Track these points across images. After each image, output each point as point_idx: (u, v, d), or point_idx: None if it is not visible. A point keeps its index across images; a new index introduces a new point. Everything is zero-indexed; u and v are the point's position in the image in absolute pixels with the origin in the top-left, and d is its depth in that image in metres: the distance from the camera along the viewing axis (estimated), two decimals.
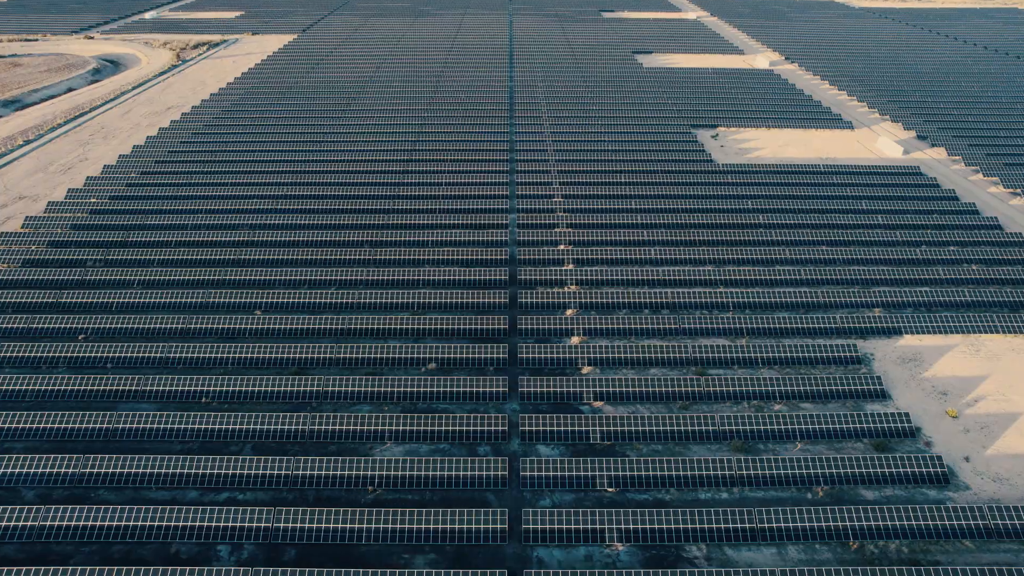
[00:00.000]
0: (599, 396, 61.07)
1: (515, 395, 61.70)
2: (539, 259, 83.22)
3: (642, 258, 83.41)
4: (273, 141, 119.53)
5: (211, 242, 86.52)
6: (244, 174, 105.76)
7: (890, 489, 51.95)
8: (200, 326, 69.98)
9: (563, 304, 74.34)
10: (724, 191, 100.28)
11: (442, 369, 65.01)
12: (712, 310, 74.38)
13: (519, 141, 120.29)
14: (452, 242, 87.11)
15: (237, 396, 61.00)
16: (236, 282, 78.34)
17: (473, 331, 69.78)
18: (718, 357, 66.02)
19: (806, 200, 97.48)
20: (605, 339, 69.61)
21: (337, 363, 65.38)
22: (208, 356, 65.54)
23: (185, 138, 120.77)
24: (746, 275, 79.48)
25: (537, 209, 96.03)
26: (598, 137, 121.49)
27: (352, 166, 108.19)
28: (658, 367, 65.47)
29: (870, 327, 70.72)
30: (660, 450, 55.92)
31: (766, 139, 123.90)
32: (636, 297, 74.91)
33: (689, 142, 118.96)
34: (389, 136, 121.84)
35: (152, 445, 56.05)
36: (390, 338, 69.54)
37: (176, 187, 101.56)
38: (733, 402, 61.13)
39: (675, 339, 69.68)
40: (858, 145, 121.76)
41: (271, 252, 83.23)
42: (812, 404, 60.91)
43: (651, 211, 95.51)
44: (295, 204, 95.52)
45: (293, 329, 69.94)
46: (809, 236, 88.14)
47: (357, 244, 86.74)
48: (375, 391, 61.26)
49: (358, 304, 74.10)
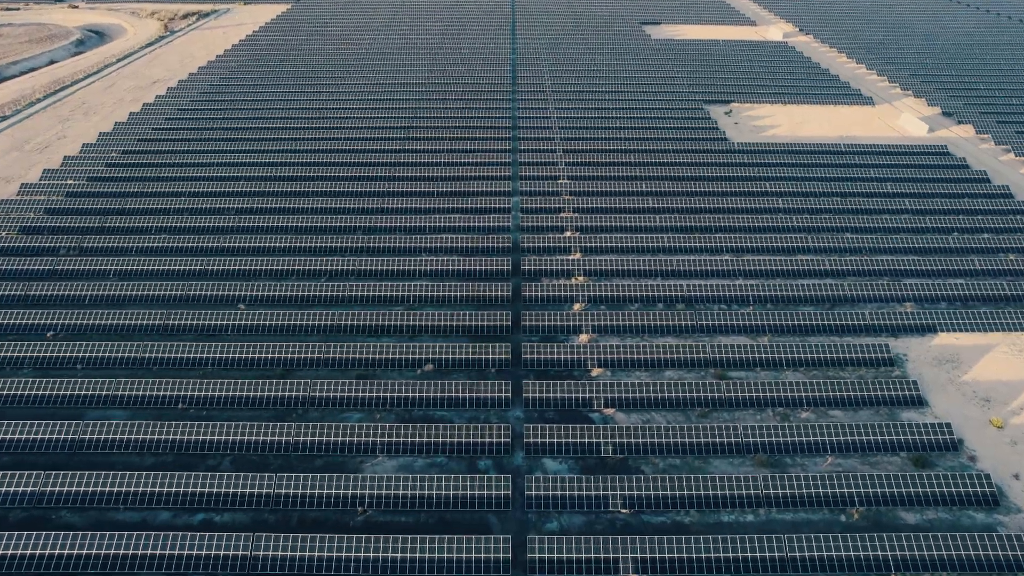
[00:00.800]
0: (610, 402, 56.11)
1: (519, 401, 56.75)
2: (544, 247, 77.77)
3: (654, 246, 77.94)
4: (262, 118, 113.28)
5: (194, 227, 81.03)
6: (231, 153, 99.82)
7: (932, 511, 47.15)
8: (179, 322, 64.84)
9: (570, 297, 69.07)
10: (740, 172, 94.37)
11: (440, 371, 59.98)
12: (731, 304, 69.13)
13: (522, 118, 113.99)
14: (451, 227, 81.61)
15: (217, 402, 56.08)
16: (219, 273, 73.04)
17: (473, 328, 64.63)
18: (739, 358, 60.93)
19: (827, 183, 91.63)
20: (616, 337, 64.46)
21: (326, 364, 60.35)
22: (187, 356, 60.52)
23: (170, 115, 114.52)
24: (766, 265, 74.08)
25: (541, 192, 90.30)
26: (605, 113, 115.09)
27: (345, 144, 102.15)
28: (674, 369, 60.42)
29: (902, 324, 65.47)
30: (678, 465, 51.09)
31: (782, 116, 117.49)
32: (649, 290, 69.61)
33: (701, 119, 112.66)
34: (384, 114, 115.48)
35: (122, 458, 51.22)
36: (383, 335, 64.42)
37: (158, 168, 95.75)
38: (756, 409, 56.18)
39: (692, 337, 64.55)
40: (879, 122, 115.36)
41: (258, 239, 77.79)
42: (842, 412, 55.94)
43: (663, 194, 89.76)
44: (284, 187, 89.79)
45: (279, 326, 64.81)
46: (832, 222, 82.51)
47: (349, 230, 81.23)
48: (366, 396, 56.31)
49: (349, 297, 68.86)
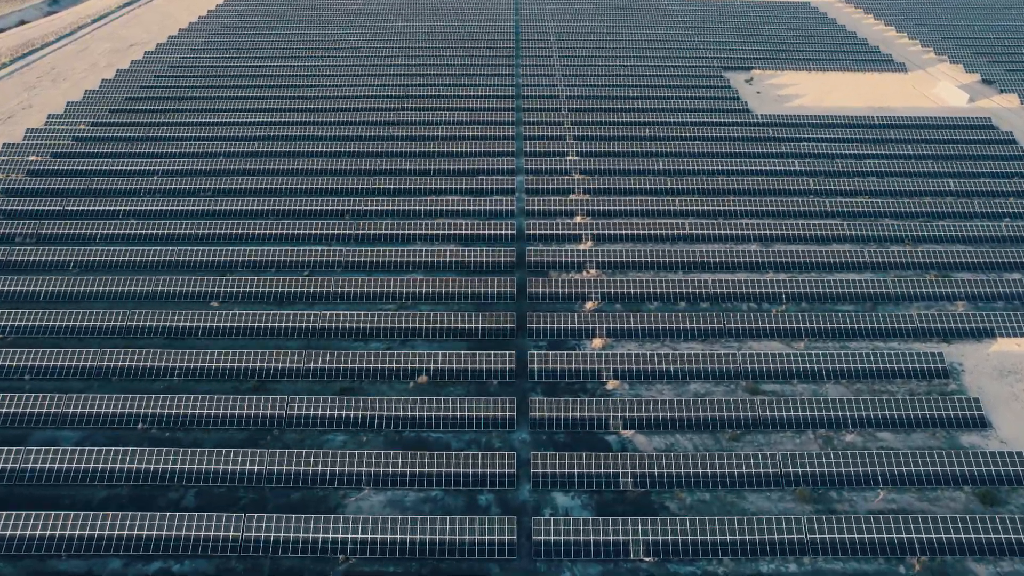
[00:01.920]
0: (629, 423, 49.32)
1: (524, 421, 49.97)
2: (552, 234, 70.28)
3: (673, 234, 70.42)
4: (246, 86, 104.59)
5: (165, 211, 73.49)
6: (210, 127, 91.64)
7: (1008, 562, 40.63)
8: (143, 323, 57.81)
9: (581, 295, 61.86)
10: (765, 148, 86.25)
11: (435, 383, 53.12)
12: (760, 303, 61.92)
13: (526, 85, 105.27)
14: (448, 211, 74.00)
15: (182, 420, 49.34)
16: (191, 265, 65.76)
17: (473, 331, 57.59)
18: (772, 368, 53.96)
19: (861, 160, 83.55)
20: (634, 342, 57.43)
21: (306, 374, 53.48)
22: (151, 364, 53.63)
23: (146, 82, 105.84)
24: (798, 257, 66.65)
25: (548, 170, 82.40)
26: (616, 81, 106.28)
27: (334, 116, 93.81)
28: (699, 381, 53.50)
29: (954, 327, 58.34)
30: (708, 500, 44.49)
31: (808, 84, 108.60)
32: (669, 286, 62.33)
33: (721, 88, 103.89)
34: (377, 80, 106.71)
35: (69, 491, 44.66)
36: (372, 339, 57.43)
37: (130, 142, 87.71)
38: (794, 431, 49.40)
39: (719, 342, 57.52)
40: (914, 91, 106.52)
41: (235, 226, 70.29)
42: (892, 434, 49.16)
43: (681, 173, 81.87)
44: (266, 164, 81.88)
45: (255, 327, 57.77)
46: (868, 206, 74.78)
47: (336, 215, 73.66)
48: (351, 415, 49.53)
49: (334, 294, 61.69)
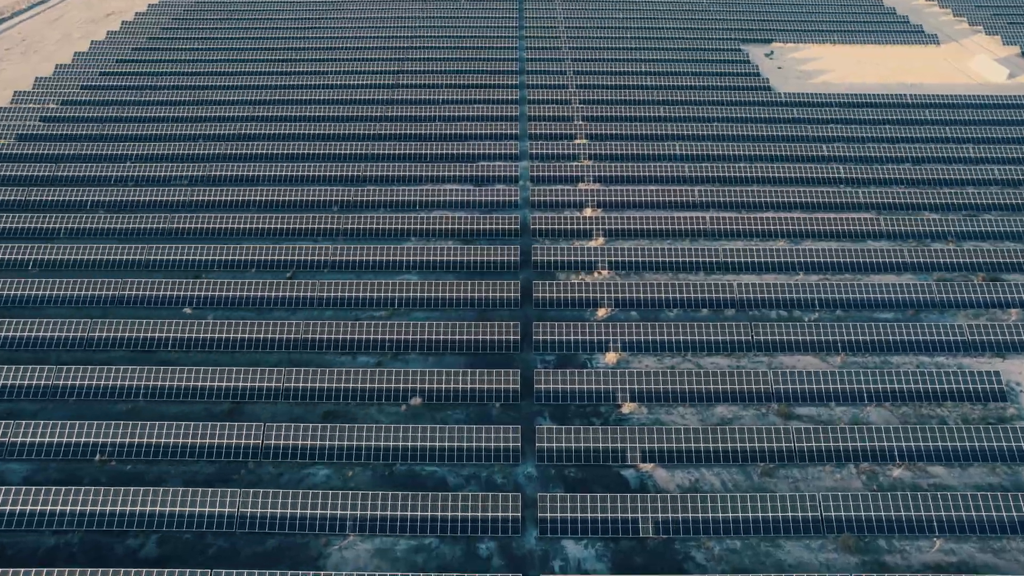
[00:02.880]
0: (648, 455, 43.81)
1: (531, 452, 44.45)
2: (559, 229, 64.16)
3: (693, 228, 64.24)
4: (226, 59, 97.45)
5: (136, 203, 67.35)
6: (188, 106, 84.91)
7: None
8: (106, 333, 52.10)
9: (593, 300, 55.94)
10: (790, 131, 79.50)
11: (430, 406, 47.54)
12: (791, 309, 56.00)
13: (530, 60, 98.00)
14: (445, 202, 67.77)
15: (146, 451, 43.92)
16: (162, 265, 59.81)
17: (473, 343, 51.83)
18: (807, 388, 48.25)
19: (895, 145, 76.83)
20: (652, 356, 51.66)
21: (286, 395, 47.90)
22: (113, 384, 48.05)
23: (123, 55, 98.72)
24: (830, 256, 60.54)
25: (555, 155, 75.88)
26: (626, 55, 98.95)
27: (323, 94, 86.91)
28: (726, 403, 47.85)
29: (1008, 339, 52.46)
30: (738, 548, 39.14)
31: (833, 58, 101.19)
32: (689, 289, 56.38)
33: (740, 63, 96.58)
34: (369, 55, 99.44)
35: (12, 539, 39.39)
36: (360, 352, 51.71)
37: (103, 124, 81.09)
38: (834, 464, 43.88)
39: (746, 356, 51.74)
40: (947, 65, 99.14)
41: (211, 220, 64.16)
42: (945, 468, 43.64)
43: (699, 159, 75.33)
44: (247, 149, 75.39)
45: (231, 339, 52.02)
46: (905, 197, 68.41)
47: (322, 206, 67.47)
48: (335, 445, 44.05)
49: (320, 299, 55.85)
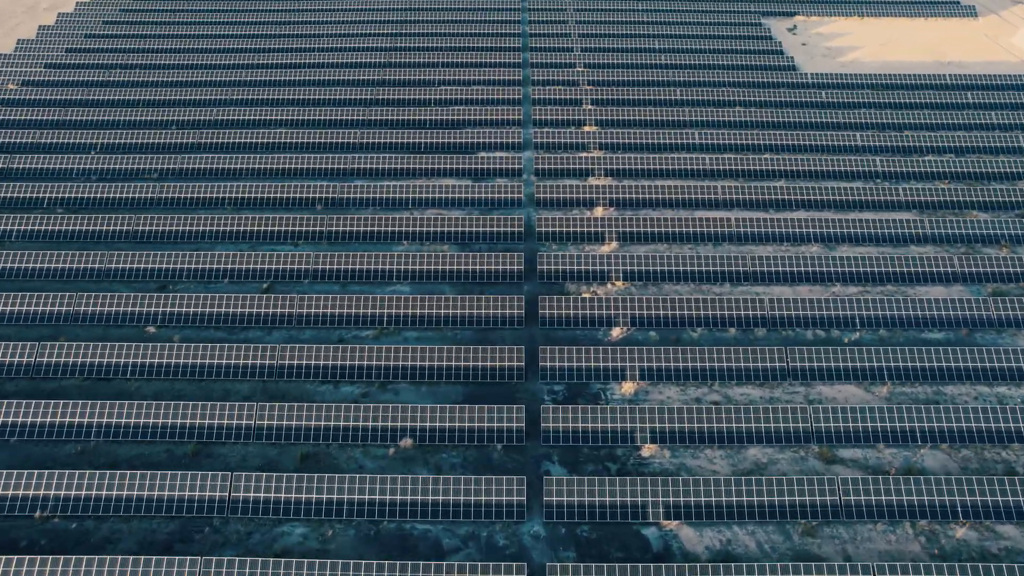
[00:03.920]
0: (673, 510, 38.07)
1: (538, 507, 38.68)
2: (568, 232, 57.79)
3: (717, 231, 57.87)
4: (204, 35, 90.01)
5: (99, 200, 60.87)
6: (160, 88, 77.88)
7: None
8: (56, 359, 46.04)
9: (606, 318, 49.79)
10: (818, 117, 72.61)
11: (422, 448, 41.70)
12: (828, 328, 49.89)
13: (534, 35, 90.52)
14: (440, 200, 61.28)
15: (95, 505, 38.14)
16: (125, 274, 53.48)
17: (472, 371, 45.84)
18: (851, 427, 42.37)
19: (935, 132, 70.02)
20: (674, 386, 45.69)
21: (259, 434, 42.02)
22: (62, 421, 42.10)
23: (91, 30, 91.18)
24: (869, 265, 54.24)
25: (562, 144, 69.15)
26: (638, 29, 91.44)
27: (307, 74, 79.72)
28: (759, 444, 42.01)
29: None
30: None
31: (862, 33, 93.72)
32: (715, 306, 50.17)
33: (761, 39, 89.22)
34: (359, 31, 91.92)
35: None
36: (344, 381, 45.72)
37: (66, 108, 74.12)
38: (887, 522, 38.18)
39: (780, 386, 45.78)
40: (987, 40, 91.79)
41: (180, 222, 57.68)
42: (1018, 529, 37.98)
43: (720, 149, 68.65)
44: (221, 137, 68.57)
45: (198, 366, 45.96)
46: (950, 194, 61.95)
47: (303, 204, 60.97)
48: (314, 499, 38.27)
49: (299, 316, 49.69)
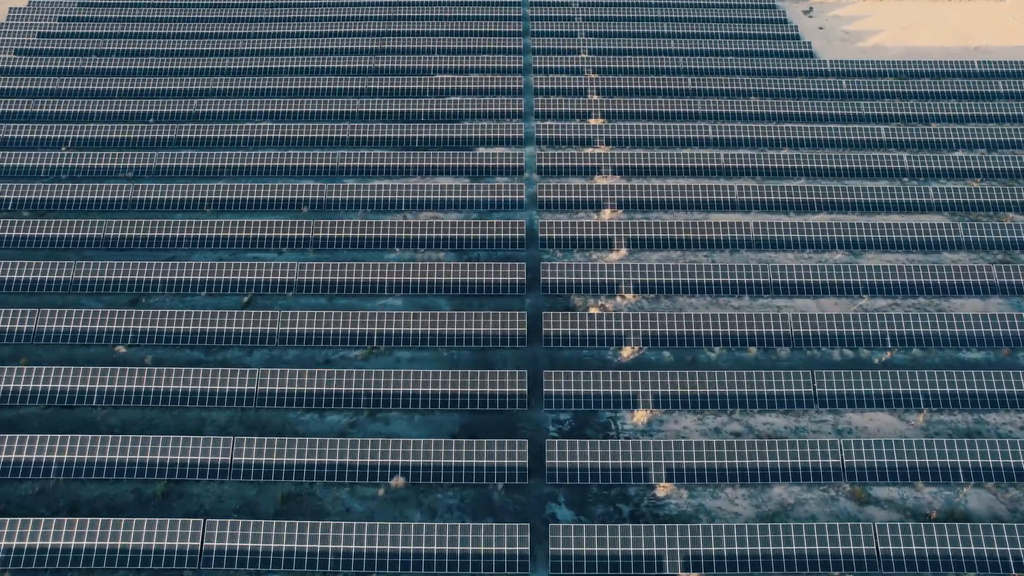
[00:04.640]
0: (693, 561, 34.41)
1: (543, 557, 35.00)
2: (573, 237, 53.67)
3: (734, 237, 53.75)
4: (187, 19, 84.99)
5: (69, 201, 56.61)
6: (138, 77, 73.19)
7: None
8: (14, 384, 42.08)
9: (617, 337, 45.83)
10: (838, 108, 68.14)
11: (416, 487, 37.94)
12: (858, 347, 45.99)
13: (535, 18, 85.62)
14: (434, 201, 57.06)
15: (52, 557, 34.42)
16: (93, 286, 49.36)
17: (470, 398, 41.98)
18: (884, 463, 38.63)
19: (965, 126, 65.62)
20: (691, 414, 41.87)
21: (236, 472, 38.23)
22: (18, 457, 38.30)
23: (66, 13, 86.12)
24: (899, 275, 50.19)
25: (567, 139, 64.76)
26: (646, 12, 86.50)
27: (294, 61, 74.98)
28: (785, 482, 38.28)
29: None
30: None
31: (883, 15, 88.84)
32: (734, 323, 46.21)
33: (776, 22, 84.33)
34: (348, 14, 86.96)
35: None
36: (330, 409, 41.86)
37: (37, 100, 69.46)
38: (929, 575, 34.61)
39: (806, 413, 41.99)
40: (1015, 23, 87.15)
41: (154, 227, 53.45)
42: None
43: (735, 144, 64.35)
44: (202, 133, 64.11)
45: (171, 392, 42.04)
46: (984, 194, 57.78)
47: (288, 205, 56.71)
48: (295, 548, 34.57)
49: (282, 335, 45.70)
